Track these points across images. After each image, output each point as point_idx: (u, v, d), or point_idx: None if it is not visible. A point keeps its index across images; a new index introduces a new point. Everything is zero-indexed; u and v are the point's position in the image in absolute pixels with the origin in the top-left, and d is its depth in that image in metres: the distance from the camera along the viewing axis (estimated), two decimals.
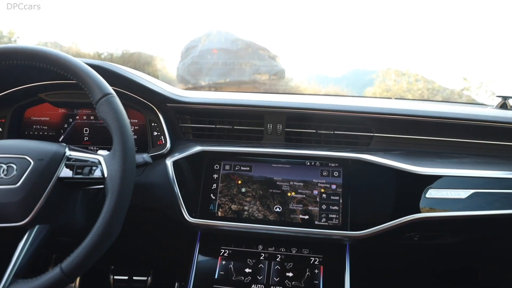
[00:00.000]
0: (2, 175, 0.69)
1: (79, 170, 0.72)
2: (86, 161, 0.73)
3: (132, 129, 0.79)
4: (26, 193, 0.69)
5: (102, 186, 0.71)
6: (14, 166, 0.70)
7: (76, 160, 0.73)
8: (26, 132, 1.06)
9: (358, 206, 0.89)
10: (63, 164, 0.72)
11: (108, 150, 1.01)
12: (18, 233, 0.69)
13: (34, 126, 1.06)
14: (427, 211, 0.87)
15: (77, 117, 1.06)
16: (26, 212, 0.69)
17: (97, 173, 0.72)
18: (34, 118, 1.06)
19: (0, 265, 0.70)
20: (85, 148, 1.04)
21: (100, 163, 0.72)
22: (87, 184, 0.74)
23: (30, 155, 0.71)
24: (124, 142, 0.70)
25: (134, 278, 1.50)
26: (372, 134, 0.99)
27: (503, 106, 1.28)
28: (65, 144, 0.77)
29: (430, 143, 1.00)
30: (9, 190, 0.68)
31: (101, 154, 0.75)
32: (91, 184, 0.73)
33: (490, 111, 1.15)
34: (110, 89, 0.73)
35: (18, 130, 1.05)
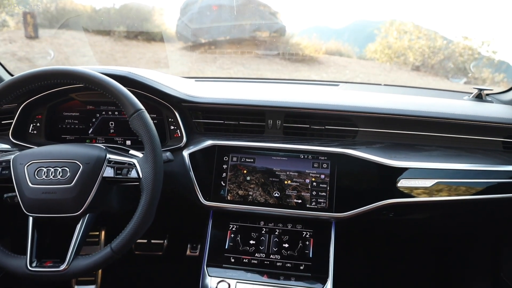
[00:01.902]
0: (59, 177, 0.87)
1: (118, 171, 0.90)
2: (124, 163, 0.91)
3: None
4: (79, 191, 0.88)
5: (137, 183, 0.90)
6: (67, 169, 0.88)
7: (116, 162, 0.91)
8: (60, 126, 1.22)
9: (342, 192, 1.08)
10: (105, 165, 0.90)
11: (131, 141, 1.20)
12: (74, 221, 0.89)
13: (66, 121, 1.22)
14: (398, 197, 1.06)
15: (103, 113, 1.22)
16: (80, 205, 0.88)
17: (133, 174, 0.90)
18: (66, 114, 1.22)
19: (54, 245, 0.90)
20: (111, 139, 1.22)
21: (135, 165, 0.90)
22: (125, 182, 0.92)
23: (79, 160, 0.89)
24: (154, 149, 0.88)
25: (152, 241, 1.75)
26: (358, 128, 1.16)
27: (479, 96, 1.44)
28: (104, 147, 0.95)
29: (408, 136, 1.17)
30: (66, 188, 0.87)
31: (135, 156, 0.93)
32: (128, 182, 0.92)
33: (465, 104, 1.31)
34: (140, 105, 0.89)
35: (53, 124, 1.21)
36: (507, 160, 1.14)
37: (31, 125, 1.18)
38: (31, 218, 0.89)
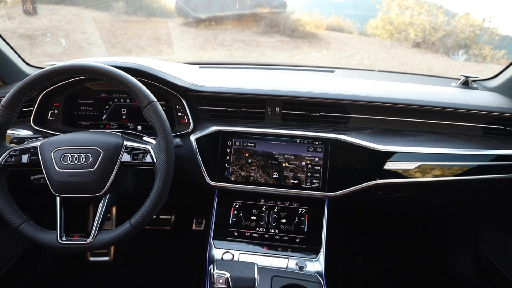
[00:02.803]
0: (82, 162, 0.99)
1: (135, 156, 1.02)
2: (139, 149, 1.02)
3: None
4: (100, 174, 0.99)
5: (152, 167, 1.01)
6: (90, 155, 0.99)
7: (132, 148, 1.02)
8: (75, 112, 1.33)
9: (334, 173, 1.20)
10: (123, 151, 1.02)
11: (142, 126, 1.31)
12: (97, 200, 1.01)
13: (82, 108, 1.32)
14: (385, 178, 1.18)
15: (116, 100, 1.32)
16: (101, 187, 1.00)
17: (148, 159, 1.01)
18: (81, 101, 1.32)
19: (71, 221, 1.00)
20: (123, 124, 1.33)
21: (149, 151, 1.01)
22: (140, 166, 1.03)
23: (99, 146, 1.00)
24: (166, 137, 0.99)
25: (161, 217, 1.88)
26: (350, 115, 1.27)
27: (465, 83, 1.54)
28: (120, 135, 1.06)
29: (396, 122, 1.27)
30: (89, 172, 0.98)
31: (149, 142, 1.04)
32: (143, 166, 1.03)
33: (451, 92, 1.41)
34: (153, 97, 1.00)
35: (69, 111, 1.32)
36: (486, 144, 1.25)
37: (50, 112, 1.29)
38: (58, 198, 1.01)
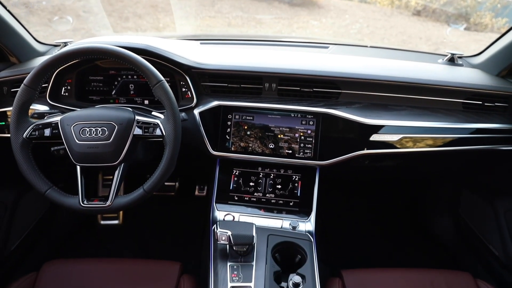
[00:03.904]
0: (99, 135, 1.11)
1: (146, 130, 1.13)
2: (149, 123, 1.14)
3: None
4: (115, 145, 1.11)
5: (161, 139, 1.13)
6: (106, 129, 1.11)
7: (143, 123, 1.14)
8: (87, 88, 1.43)
9: (325, 144, 1.32)
10: (135, 125, 1.13)
11: (149, 100, 1.42)
12: (113, 169, 1.14)
13: (92, 84, 1.42)
14: (371, 149, 1.31)
15: (124, 77, 1.42)
16: (117, 157, 1.12)
17: (157, 132, 1.13)
18: (92, 78, 1.42)
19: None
20: (131, 99, 1.44)
21: (159, 125, 1.13)
22: (150, 138, 1.15)
23: (114, 121, 1.11)
24: (174, 112, 1.11)
25: (166, 183, 2.02)
26: (340, 91, 1.38)
27: (451, 60, 1.63)
28: (132, 110, 1.17)
29: (383, 97, 1.37)
30: (105, 144, 1.10)
31: (158, 117, 1.16)
32: (153, 138, 1.15)
33: (436, 68, 1.51)
34: (161, 76, 1.10)
35: (81, 87, 1.42)
36: (465, 118, 1.37)
37: (63, 88, 1.39)
38: (78, 167, 1.13)
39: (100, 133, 1.11)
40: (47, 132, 1.13)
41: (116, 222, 2.11)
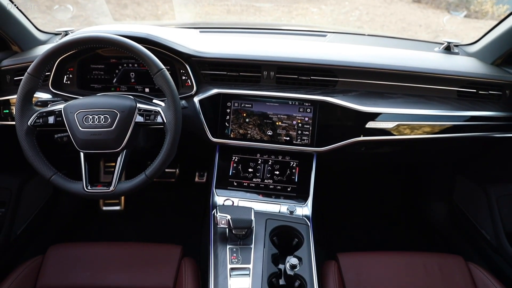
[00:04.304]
0: (102, 122, 1.14)
1: (147, 117, 1.16)
2: (151, 111, 1.16)
3: None
4: (118, 133, 1.14)
5: (162, 127, 1.16)
6: (108, 117, 1.14)
7: (144, 110, 1.17)
8: (88, 76, 1.45)
9: (322, 131, 1.35)
10: (136, 113, 1.16)
11: (149, 88, 1.45)
12: (116, 155, 1.17)
13: (93, 72, 1.45)
14: (366, 136, 1.34)
15: (125, 65, 1.44)
16: (119, 144, 1.15)
17: (158, 119, 1.16)
18: (93, 66, 1.44)
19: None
20: (132, 87, 1.46)
21: (160, 112, 1.16)
22: (152, 125, 1.18)
23: (116, 109, 1.14)
24: (175, 100, 1.13)
25: (166, 170, 2.06)
26: (337, 79, 1.40)
27: (447, 48, 1.66)
28: (133, 98, 1.20)
29: (379, 85, 1.40)
30: (108, 131, 1.14)
31: (159, 105, 1.19)
32: (155, 125, 1.18)
33: (432, 57, 1.54)
34: (161, 65, 1.13)
35: (82, 75, 1.44)
36: (459, 106, 1.40)
37: (65, 76, 1.41)
38: (82, 154, 1.16)
39: (103, 120, 1.14)
40: (51, 119, 1.16)
41: (117, 208, 2.16)
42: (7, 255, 1.62)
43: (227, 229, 1.20)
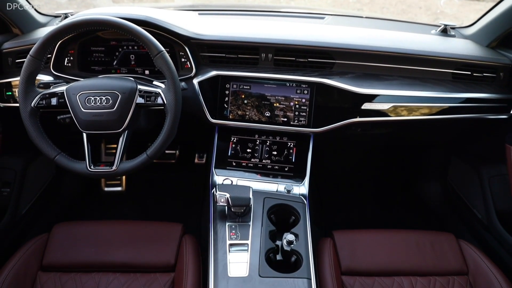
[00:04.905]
0: (103, 103, 1.16)
1: (148, 98, 1.19)
2: (151, 92, 1.19)
3: None
4: (119, 114, 1.17)
5: (162, 108, 1.19)
6: (110, 98, 1.16)
7: (145, 92, 1.19)
8: (89, 59, 1.47)
9: (319, 112, 1.38)
10: (137, 94, 1.19)
11: (149, 70, 1.47)
12: (118, 136, 1.20)
13: (94, 54, 1.46)
14: (362, 117, 1.37)
15: (125, 47, 1.46)
16: (121, 124, 1.18)
17: (159, 100, 1.19)
18: (94, 49, 1.45)
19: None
20: (132, 69, 1.49)
21: (160, 94, 1.19)
22: (152, 106, 1.21)
23: (117, 90, 1.17)
24: (174, 82, 1.16)
25: (166, 151, 2.09)
26: (334, 61, 1.43)
27: (444, 30, 1.67)
28: (133, 79, 1.22)
29: (375, 67, 1.42)
30: (110, 112, 1.17)
31: (159, 86, 1.21)
32: (155, 107, 1.21)
33: (428, 39, 1.56)
34: (161, 47, 1.15)
35: (83, 57, 1.46)
36: (453, 88, 1.43)
37: (66, 59, 1.43)
38: (85, 134, 1.20)
39: (105, 101, 1.16)
40: (53, 101, 1.19)
41: (119, 188, 2.20)
42: (13, 233, 1.66)
43: (226, 207, 1.24)
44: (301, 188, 1.38)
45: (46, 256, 1.25)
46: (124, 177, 2.23)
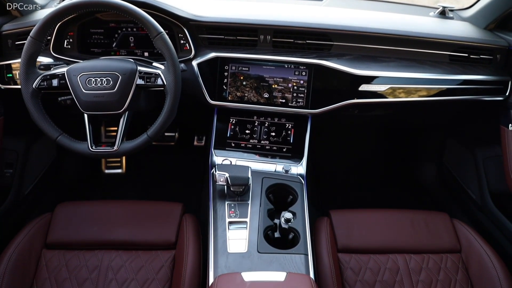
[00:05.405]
0: (104, 84, 1.18)
1: (147, 80, 1.21)
2: (151, 73, 1.21)
3: None
4: (120, 95, 1.19)
5: (162, 89, 1.21)
6: (110, 79, 1.18)
7: (145, 73, 1.21)
8: (88, 41, 1.47)
9: (316, 94, 1.40)
10: (137, 76, 1.20)
11: (149, 52, 1.48)
12: (118, 116, 1.22)
13: (93, 36, 1.47)
14: (360, 98, 1.39)
15: (124, 29, 1.47)
16: (121, 105, 1.20)
17: (159, 82, 1.20)
18: (93, 31, 1.46)
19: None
20: (131, 51, 1.49)
21: (160, 75, 1.20)
22: (152, 87, 1.22)
23: (117, 71, 1.18)
24: (174, 63, 1.17)
25: (166, 134, 2.11)
26: (332, 43, 1.44)
27: (442, 13, 1.68)
28: (133, 61, 1.23)
29: (373, 49, 1.44)
30: (110, 93, 1.18)
31: (159, 67, 1.22)
32: (155, 88, 1.22)
33: (426, 21, 1.56)
34: (161, 28, 1.16)
35: (83, 39, 1.46)
36: (450, 70, 1.44)
37: (66, 41, 1.43)
38: (86, 115, 1.21)
39: (105, 83, 1.18)
40: (55, 82, 1.20)
41: (119, 171, 2.23)
42: (17, 213, 1.70)
43: (225, 186, 1.27)
44: (299, 168, 1.40)
45: (50, 234, 1.28)
46: (124, 159, 2.26)
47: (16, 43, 1.47)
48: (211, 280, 1.05)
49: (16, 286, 1.13)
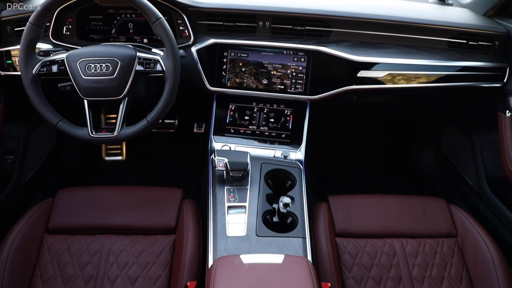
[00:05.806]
0: (104, 70, 1.18)
1: (147, 66, 1.21)
2: (150, 59, 1.21)
3: None
4: (119, 80, 1.19)
5: (161, 75, 1.21)
6: (109, 65, 1.18)
7: (144, 59, 1.21)
8: (87, 27, 1.47)
9: (315, 80, 1.40)
10: (136, 62, 1.21)
11: (148, 39, 1.48)
12: (118, 102, 1.22)
13: (92, 23, 1.47)
14: (358, 85, 1.39)
15: (123, 15, 1.46)
16: (121, 91, 1.20)
17: (158, 67, 1.20)
18: (92, 17, 1.46)
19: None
20: (131, 38, 1.49)
21: (159, 61, 1.20)
22: (151, 73, 1.23)
23: (117, 57, 1.19)
24: (173, 48, 1.18)
25: (166, 121, 2.12)
26: (331, 29, 1.44)
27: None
28: (132, 47, 1.24)
29: (371, 36, 1.44)
30: (110, 79, 1.19)
31: (158, 54, 1.23)
32: (154, 73, 1.23)
33: (426, 8, 1.56)
34: (160, 14, 1.16)
35: (82, 26, 1.46)
36: (448, 57, 1.44)
37: (65, 27, 1.43)
38: (86, 101, 1.22)
39: (105, 68, 1.18)
40: (54, 68, 1.20)
41: (119, 158, 2.24)
42: (19, 199, 1.72)
43: (224, 171, 1.28)
44: (298, 154, 1.42)
45: (51, 219, 1.30)
46: (124, 147, 2.27)
47: (15, 29, 1.46)
48: (210, 262, 1.07)
49: (19, 269, 1.15)
